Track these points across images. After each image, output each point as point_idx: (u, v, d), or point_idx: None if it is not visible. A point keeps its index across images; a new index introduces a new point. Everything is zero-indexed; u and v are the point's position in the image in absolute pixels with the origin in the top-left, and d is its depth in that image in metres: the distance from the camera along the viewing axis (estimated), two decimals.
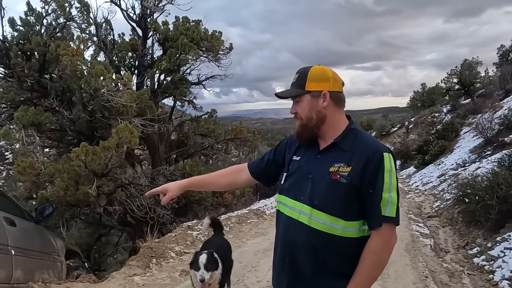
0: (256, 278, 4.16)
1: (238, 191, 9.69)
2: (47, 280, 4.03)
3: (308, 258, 1.34)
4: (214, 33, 9.65)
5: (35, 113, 6.82)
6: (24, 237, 3.91)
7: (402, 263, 4.68)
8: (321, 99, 1.38)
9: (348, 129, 1.40)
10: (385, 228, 1.28)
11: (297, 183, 1.41)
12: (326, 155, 1.38)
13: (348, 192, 1.29)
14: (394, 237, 1.33)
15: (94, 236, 9.80)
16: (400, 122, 29.32)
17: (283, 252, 1.43)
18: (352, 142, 1.35)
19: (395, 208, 1.29)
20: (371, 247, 1.29)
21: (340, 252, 1.32)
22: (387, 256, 1.33)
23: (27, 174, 6.31)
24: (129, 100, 6.99)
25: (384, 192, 1.27)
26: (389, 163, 1.29)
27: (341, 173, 1.31)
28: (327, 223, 1.31)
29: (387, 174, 1.28)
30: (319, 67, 1.43)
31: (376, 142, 1.38)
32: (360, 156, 1.30)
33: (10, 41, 7.60)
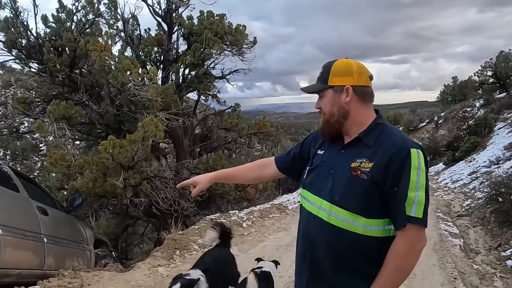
0: (278, 273, 4.15)
1: (260, 185, 9.70)
2: (77, 268, 4.20)
3: (328, 255, 1.31)
4: (238, 27, 9.63)
5: (66, 107, 7.07)
6: (55, 226, 4.08)
7: (429, 263, 4.53)
8: (344, 94, 1.33)
9: (373, 124, 1.35)
10: (410, 229, 1.20)
11: (319, 178, 1.39)
12: (349, 150, 1.34)
13: (369, 189, 1.24)
14: (422, 240, 1.24)
15: (121, 226, 10.13)
16: (429, 117, 28.28)
17: (303, 247, 1.41)
18: (377, 137, 1.30)
19: (422, 208, 1.20)
20: (395, 249, 1.22)
21: (362, 251, 1.27)
22: (413, 260, 1.24)
23: (58, 165, 6.57)
24: (154, 94, 7.12)
25: (410, 191, 1.19)
26: (417, 160, 1.21)
27: (362, 169, 1.26)
28: (347, 220, 1.26)
29: (414, 172, 1.20)
30: (344, 60, 1.38)
31: (403, 138, 1.30)
32: (384, 152, 1.24)
33: (43, 38, 7.90)
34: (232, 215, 6.74)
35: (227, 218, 6.42)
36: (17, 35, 7.60)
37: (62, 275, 3.69)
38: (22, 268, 3.29)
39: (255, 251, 5.12)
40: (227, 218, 6.42)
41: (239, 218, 6.55)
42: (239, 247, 5.26)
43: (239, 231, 6.05)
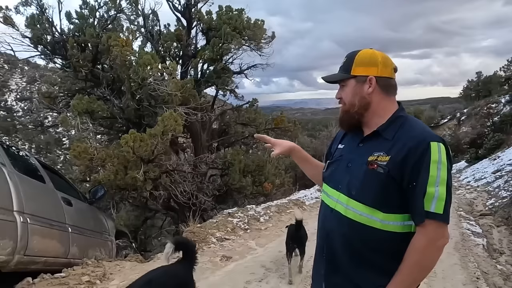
0: (295, 268, 4.15)
1: (278, 181, 9.71)
2: (99, 257, 4.33)
3: (345, 248, 1.29)
4: (257, 21, 9.60)
5: (89, 102, 7.25)
6: (79, 216, 4.21)
7: (450, 262, 4.44)
8: (367, 85, 1.30)
9: (394, 117, 1.30)
10: (430, 225, 1.15)
11: (337, 171, 1.38)
12: (368, 143, 1.31)
13: (386, 183, 1.20)
14: (443, 237, 1.18)
15: (140, 218, 10.35)
16: (451, 114, 27.54)
17: (321, 239, 1.41)
18: (397, 131, 1.25)
19: (443, 204, 1.15)
20: (414, 244, 1.18)
21: (380, 246, 1.23)
22: (433, 257, 1.18)
23: (81, 158, 6.76)
24: (174, 89, 7.20)
25: (429, 186, 1.15)
26: (437, 154, 1.16)
27: (379, 162, 1.22)
28: (364, 214, 1.24)
29: (434, 166, 1.15)
30: (368, 50, 1.35)
31: (424, 131, 1.24)
32: (402, 146, 1.20)
33: (67, 34, 8.11)
34: (250, 209, 6.77)
35: (245, 213, 6.46)
36: (42, 32, 7.84)
37: (86, 264, 3.82)
38: (48, 256, 3.41)
39: (272, 245, 5.14)
40: (245, 213, 6.46)
41: (257, 213, 6.58)
42: (256, 241, 5.29)
43: (256, 225, 6.09)
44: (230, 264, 4.28)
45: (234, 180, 8.82)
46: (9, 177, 3.02)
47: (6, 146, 3.59)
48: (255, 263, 4.30)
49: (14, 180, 3.06)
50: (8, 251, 2.81)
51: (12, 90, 74.04)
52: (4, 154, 3.28)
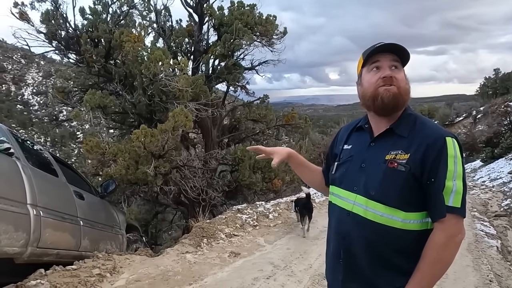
0: (303, 266, 4.15)
1: (288, 177, 9.67)
2: (110, 251, 4.39)
3: (365, 251, 1.26)
4: (269, 17, 9.53)
5: (101, 97, 7.34)
6: (91, 210, 4.27)
7: (462, 263, 4.35)
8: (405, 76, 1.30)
9: (405, 114, 1.29)
10: (449, 220, 1.16)
11: (350, 173, 1.34)
12: (381, 142, 1.29)
13: (407, 181, 1.20)
14: (461, 232, 1.18)
15: (151, 212, 10.47)
16: (467, 111, 26.93)
17: (337, 244, 1.36)
18: (411, 128, 1.25)
19: (460, 197, 1.16)
20: (434, 241, 1.17)
21: (401, 246, 1.22)
22: (452, 253, 1.19)
23: (94, 153, 6.86)
24: (185, 84, 7.22)
25: (448, 180, 1.16)
26: (453, 149, 1.18)
27: (398, 160, 1.21)
28: (385, 214, 1.22)
29: (451, 161, 1.17)
30: None
31: (437, 127, 1.25)
32: (420, 143, 1.20)
33: (80, 29, 8.20)
34: (259, 206, 6.78)
35: (254, 209, 6.47)
36: (57, 27, 7.94)
37: (97, 257, 3.88)
38: (60, 248, 3.47)
39: (281, 242, 5.14)
40: (254, 209, 6.47)
41: (266, 209, 6.58)
42: (265, 238, 5.29)
43: (265, 222, 6.09)
44: (239, 261, 4.30)
45: (244, 176, 8.82)
46: (23, 171, 3.08)
47: (21, 140, 3.66)
48: (264, 260, 4.30)
49: (28, 174, 3.12)
50: (22, 243, 2.87)
51: (28, 84, 75.69)
52: (19, 148, 3.35)
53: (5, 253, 2.71)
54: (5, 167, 2.94)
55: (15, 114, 61.85)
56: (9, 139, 3.28)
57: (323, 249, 1.51)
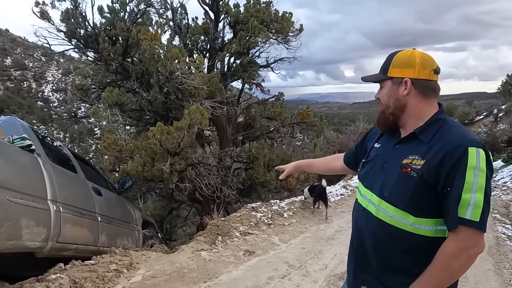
0: (319, 266, 4.11)
1: (302, 176, 9.61)
2: (127, 247, 4.46)
3: (374, 248, 1.31)
4: (284, 14, 9.46)
5: (119, 94, 7.44)
6: (108, 206, 4.34)
7: (483, 267, 4.23)
8: (402, 87, 1.29)
9: (432, 119, 1.27)
10: (464, 232, 1.13)
11: (372, 171, 1.39)
12: (404, 146, 1.30)
13: (418, 187, 1.19)
14: (478, 245, 1.14)
15: (166, 209, 10.59)
16: (488, 110, 26.14)
17: (353, 237, 1.45)
18: (434, 134, 1.23)
19: (479, 212, 1.11)
20: (444, 249, 1.16)
21: (410, 248, 1.23)
22: (463, 264, 1.16)
23: (111, 149, 6.97)
24: (200, 82, 7.25)
25: (465, 192, 1.11)
26: (475, 160, 1.12)
27: (412, 166, 1.21)
28: (395, 216, 1.24)
29: (471, 172, 1.12)
30: (408, 51, 1.32)
31: (462, 135, 1.20)
32: (438, 150, 1.17)
33: (99, 28, 8.33)
34: (274, 204, 6.75)
35: (268, 207, 6.45)
36: (76, 26, 8.09)
37: (114, 253, 3.94)
38: (79, 243, 3.54)
39: (296, 241, 5.10)
40: (268, 207, 6.45)
41: (280, 208, 6.55)
42: (279, 237, 5.27)
43: (280, 220, 6.06)
44: (253, 259, 4.29)
45: (258, 174, 8.81)
46: (43, 167, 3.15)
47: (41, 137, 3.74)
48: (278, 259, 4.28)
49: (48, 170, 3.19)
50: (43, 237, 2.93)
51: (48, 81, 77.73)
52: (40, 145, 3.43)
53: (26, 247, 2.78)
54: (27, 163, 3.01)
55: (36, 111, 63.67)
56: (30, 136, 3.36)
57: (338, 249, 1.64)
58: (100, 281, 3.25)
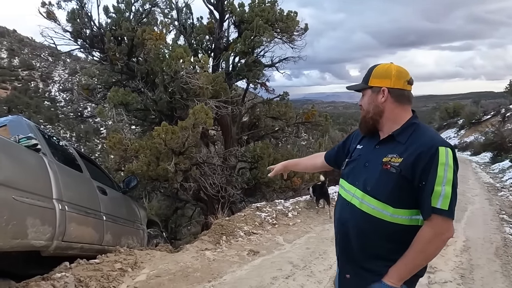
0: (323, 266, 4.09)
1: (307, 176, 9.56)
2: (131, 246, 4.48)
3: (357, 237, 1.48)
4: (290, 13, 9.42)
5: (124, 94, 7.47)
6: (113, 205, 4.37)
7: (490, 268, 4.18)
8: (380, 95, 1.50)
9: (408, 123, 1.48)
10: (436, 220, 1.33)
11: (356, 169, 1.56)
12: (383, 146, 1.50)
13: (397, 182, 1.38)
14: (448, 231, 1.36)
15: (171, 208, 10.61)
16: (495, 109, 25.82)
17: (337, 229, 1.61)
18: (410, 136, 1.43)
19: (448, 201, 1.32)
20: (420, 235, 1.36)
21: (388, 236, 1.42)
22: (437, 248, 1.37)
23: (117, 148, 7.00)
24: (205, 82, 7.25)
25: (437, 185, 1.32)
26: (444, 157, 1.33)
27: (392, 163, 1.40)
28: (376, 208, 1.42)
29: (441, 168, 1.32)
30: (386, 65, 1.54)
31: (433, 137, 1.41)
32: (414, 150, 1.37)
33: (104, 28, 8.36)
34: (278, 204, 6.74)
35: (273, 207, 6.44)
36: (82, 26, 8.13)
37: (119, 252, 3.96)
38: (84, 242, 3.56)
39: (300, 241, 5.09)
40: (273, 207, 6.44)
41: (285, 208, 6.54)
42: (284, 237, 5.26)
43: (284, 220, 6.05)
44: (257, 259, 4.28)
45: (263, 173, 8.79)
46: (49, 166, 3.17)
47: (47, 136, 3.77)
48: (283, 259, 4.27)
49: (53, 169, 3.21)
50: (48, 236, 2.95)
51: (55, 81, 78.37)
52: (45, 144, 3.45)
53: (32, 246, 2.81)
54: (33, 162, 3.03)
55: (43, 110, 64.23)
56: (36, 135, 3.39)
57: None
58: (105, 280, 3.27)
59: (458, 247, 4.86)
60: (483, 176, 12.13)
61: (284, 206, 6.64)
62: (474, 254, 4.61)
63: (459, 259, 4.42)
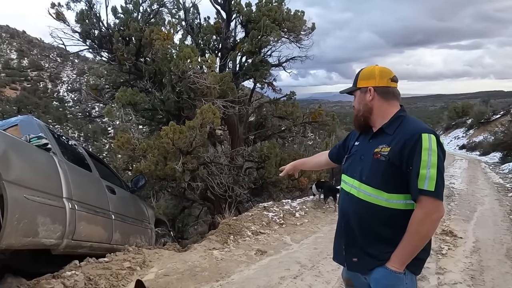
0: (331, 266, 4.06)
1: (314, 175, 9.53)
2: (140, 245, 4.50)
3: (358, 224, 1.60)
4: (297, 12, 9.40)
5: (132, 94, 7.52)
6: (122, 204, 4.39)
7: (501, 270, 4.11)
8: (368, 94, 1.64)
9: (395, 117, 1.61)
10: (425, 200, 1.43)
11: (353, 163, 1.71)
12: (375, 139, 1.63)
13: (387, 169, 1.50)
14: (438, 211, 1.44)
15: (178, 207, 10.66)
16: (505, 109, 25.47)
17: (340, 219, 1.73)
18: (397, 127, 1.56)
19: (434, 183, 1.41)
20: (413, 217, 1.45)
21: (387, 220, 1.52)
22: (429, 227, 1.46)
23: (125, 148, 7.05)
24: (212, 82, 7.26)
25: (422, 168, 1.42)
26: (427, 143, 1.43)
27: (381, 152, 1.54)
28: (372, 195, 1.55)
29: (425, 153, 1.43)
30: (370, 67, 1.70)
31: (417, 125, 1.52)
32: (400, 138, 1.50)
33: (112, 28, 8.43)
34: (285, 204, 6.73)
35: (280, 207, 6.43)
36: (90, 26, 8.21)
37: (127, 250, 3.99)
38: (94, 241, 3.59)
39: (308, 241, 5.07)
40: (280, 207, 6.43)
41: (292, 208, 6.52)
42: (291, 237, 5.25)
43: (291, 220, 6.04)
44: (265, 259, 4.28)
45: (270, 173, 8.79)
46: (59, 166, 3.20)
47: (57, 136, 3.81)
48: (290, 259, 4.26)
49: (63, 169, 3.24)
50: (58, 235, 2.99)
51: (63, 81, 79.23)
52: (56, 144, 3.48)
53: (43, 244, 2.84)
54: (43, 162, 3.06)
55: (52, 110, 64.99)
56: (46, 135, 3.42)
57: None
58: (114, 279, 3.29)
59: (468, 248, 4.80)
60: (492, 177, 11.97)
61: (292, 206, 6.63)
62: (484, 256, 4.55)
63: (469, 260, 4.36)
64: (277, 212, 6.12)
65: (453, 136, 28.00)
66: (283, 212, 6.20)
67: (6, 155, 2.53)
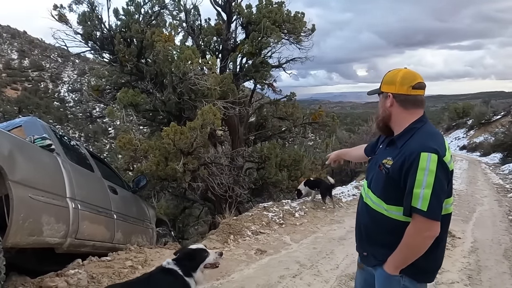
0: (330, 266, 4.12)
1: (313, 176, 9.58)
2: (141, 244, 4.56)
3: (364, 226, 1.73)
4: (297, 14, 9.45)
5: (133, 95, 7.57)
6: (123, 204, 4.46)
7: (498, 270, 4.17)
8: (388, 100, 1.64)
9: (408, 128, 1.60)
10: (417, 218, 1.47)
11: (370, 167, 1.79)
12: (389, 148, 1.67)
13: (386, 181, 1.57)
14: (429, 230, 1.47)
15: (179, 208, 10.71)
16: (505, 109, 25.47)
17: (356, 221, 1.85)
18: (406, 140, 1.56)
19: (427, 203, 1.43)
20: (407, 230, 1.51)
21: (386, 228, 1.61)
22: (420, 244, 1.50)
23: (126, 149, 7.10)
24: (213, 83, 7.31)
25: (416, 187, 1.44)
26: (425, 163, 1.43)
27: (385, 165, 1.58)
28: (375, 203, 1.65)
29: (421, 173, 1.44)
30: (395, 71, 1.66)
31: (421, 143, 1.49)
32: (402, 154, 1.52)
33: (114, 30, 8.49)
34: (285, 204, 6.78)
35: (280, 207, 6.48)
36: (92, 28, 8.27)
37: (129, 250, 4.05)
38: (96, 240, 3.65)
39: (307, 241, 5.13)
40: (280, 207, 6.48)
41: (292, 208, 6.57)
42: (291, 237, 5.30)
43: (291, 220, 6.09)
44: (265, 258, 4.34)
45: (270, 174, 8.84)
46: (62, 166, 3.27)
47: (59, 136, 3.87)
48: (290, 259, 4.32)
49: (67, 169, 3.30)
50: (62, 234, 3.05)
51: (64, 82, 79.36)
52: (59, 144, 3.55)
53: (47, 243, 2.90)
54: (47, 162, 3.12)
55: (52, 110, 65.09)
56: (50, 135, 3.48)
57: (350, 249, 1.96)
58: (116, 277, 3.35)
59: (466, 248, 4.85)
60: (492, 177, 12.00)
61: (291, 206, 6.68)
62: (482, 256, 4.60)
63: (466, 260, 4.41)
64: (277, 212, 6.17)
65: (454, 137, 27.99)
66: (282, 212, 6.25)
67: (11, 156, 2.59)
